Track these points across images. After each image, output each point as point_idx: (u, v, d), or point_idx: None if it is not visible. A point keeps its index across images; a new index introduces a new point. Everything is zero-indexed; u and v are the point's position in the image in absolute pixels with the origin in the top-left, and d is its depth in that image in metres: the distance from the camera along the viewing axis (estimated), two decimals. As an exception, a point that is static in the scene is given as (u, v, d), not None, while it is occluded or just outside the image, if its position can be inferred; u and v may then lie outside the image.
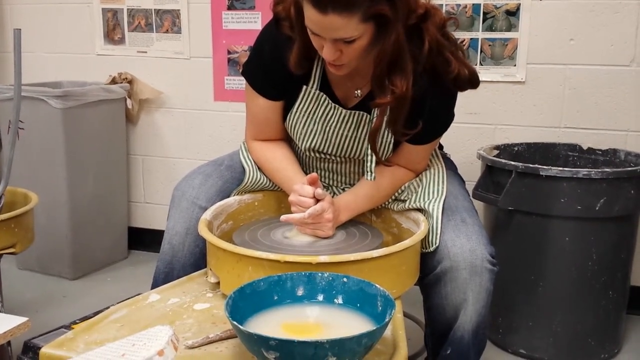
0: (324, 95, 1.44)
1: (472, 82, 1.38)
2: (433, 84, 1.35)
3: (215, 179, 1.52)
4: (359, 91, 1.44)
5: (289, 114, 1.48)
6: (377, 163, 1.43)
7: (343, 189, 1.57)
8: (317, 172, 1.57)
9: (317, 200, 1.35)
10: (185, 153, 2.81)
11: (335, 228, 1.42)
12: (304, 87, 1.44)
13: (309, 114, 1.46)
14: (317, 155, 1.53)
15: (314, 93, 1.44)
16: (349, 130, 1.46)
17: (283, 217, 1.35)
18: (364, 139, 1.45)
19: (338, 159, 1.53)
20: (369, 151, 1.41)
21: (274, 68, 1.42)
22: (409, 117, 1.34)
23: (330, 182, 1.60)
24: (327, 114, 1.45)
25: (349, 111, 1.44)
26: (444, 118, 1.45)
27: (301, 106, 1.46)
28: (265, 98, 1.48)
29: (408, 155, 1.48)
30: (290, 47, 1.36)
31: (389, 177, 1.48)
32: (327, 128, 1.46)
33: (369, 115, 1.43)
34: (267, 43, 1.44)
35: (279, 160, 1.53)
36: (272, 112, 1.50)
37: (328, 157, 1.53)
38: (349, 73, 1.36)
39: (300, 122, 1.47)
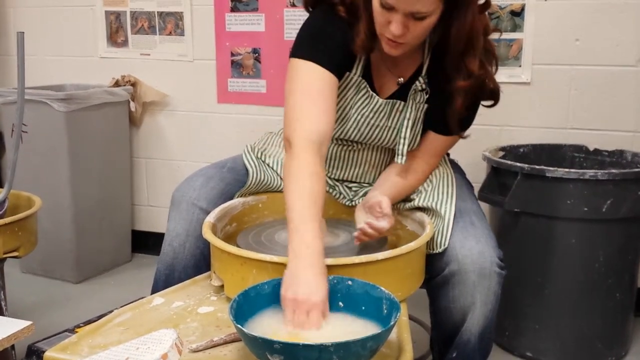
0: (365, 83, 1.44)
1: (492, 95, 1.43)
2: None
3: (216, 180, 1.52)
4: (401, 79, 1.45)
5: None
6: (405, 154, 1.44)
7: (354, 190, 1.57)
8: (335, 163, 1.57)
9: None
10: (188, 155, 2.81)
11: (339, 231, 1.44)
12: (347, 73, 1.43)
13: (346, 100, 1.46)
14: (343, 143, 1.52)
15: (356, 80, 1.44)
16: (380, 120, 1.46)
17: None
18: (394, 128, 1.46)
19: (360, 145, 1.53)
20: (402, 134, 1.43)
21: (337, 44, 1.37)
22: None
23: (344, 175, 1.59)
24: (364, 102, 1.45)
25: (383, 101, 1.45)
26: (470, 115, 1.46)
27: (342, 90, 1.45)
28: (331, 73, 1.34)
29: (429, 144, 1.48)
30: (345, 30, 1.36)
31: (409, 181, 1.49)
32: (359, 116, 1.46)
33: (403, 103, 1.44)
34: (327, 24, 1.39)
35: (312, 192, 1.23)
36: (336, 90, 1.37)
37: (355, 146, 1.53)
38: (394, 61, 1.40)
39: (338, 105, 1.46)
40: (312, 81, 1.33)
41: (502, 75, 2.31)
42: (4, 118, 2.68)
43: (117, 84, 2.75)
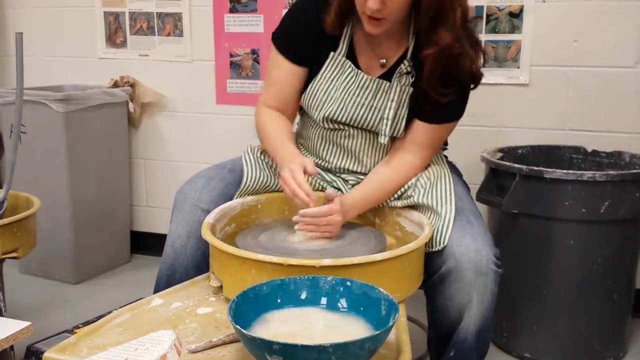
0: (349, 62, 1.48)
1: (473, 77, 1.44)
2: None
3: (217, 181, 1.52)
4: (384, 60, 1.48)
5: (312, 80, 1.51)
6: (391, 138, 1.48)
7: (351, 184, 1.57)
8: (329, 148, 1.59)
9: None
10: (187, 156, 2.81)
11: (339, 231, 1.43)
12: (332, 53, 1.49)
13: (332, 80, 1.50)
14: (332, 126, 1.53)
15: (340, 60, 1.49)
16: (366, 98, 1.48)
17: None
18: (379, 108, 1.48)
19: (351, 130, 1.54)
20: (385, 114, 1.46)
21: (305, 30, 1.48)
22: (446, 74, 1.39)
23: (341, 164, 1.59)
24: (349, 81, 1.49)
25: (369, 77, 1.48)
26: (456, 104, 1.48)
27: (326, 72, 1.50)
28: (289, 61, 1.52)
29: (415, 132, 1.49)
30: (324, 10, 1.43)
31: (395, 171, 1.50)
32: (345, 94, 1.49)
33: (389, 83, 1.46)
34: (302, 5, 1.51)
35: (278, 128, 1.55)
36: (293, 76, 1.54)
37: (342, 128, 1.54)
38: (377, 41, 1.44)
39: (322, 88, 1.50)
40: (273, 71, 1.57)
41: (500, 76, 2.32)
42: (2, 119, 2.67)
43: (115, 84, 2.75)
